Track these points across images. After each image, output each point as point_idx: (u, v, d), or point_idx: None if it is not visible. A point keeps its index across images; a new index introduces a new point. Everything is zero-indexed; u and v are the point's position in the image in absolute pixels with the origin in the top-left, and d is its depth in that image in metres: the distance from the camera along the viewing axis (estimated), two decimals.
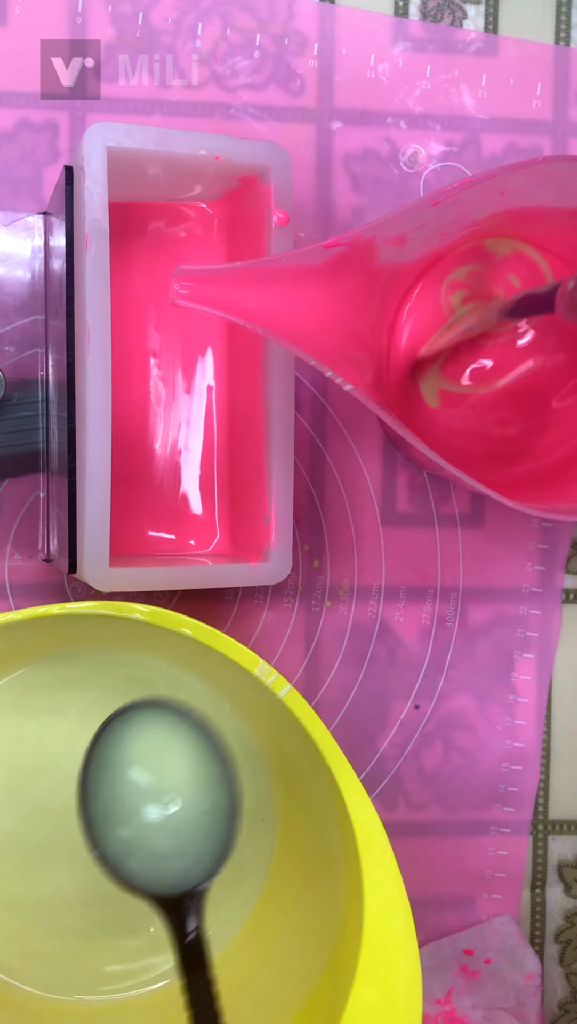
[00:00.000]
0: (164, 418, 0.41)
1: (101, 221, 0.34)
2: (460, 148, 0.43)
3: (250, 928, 0.38)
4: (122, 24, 0.41)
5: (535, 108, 0.43)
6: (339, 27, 0.42)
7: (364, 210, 0.43)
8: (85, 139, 0.34)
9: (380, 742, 0.44)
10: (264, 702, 0.33)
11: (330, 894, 0.34)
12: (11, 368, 0.40)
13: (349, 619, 0.43)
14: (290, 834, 0.38)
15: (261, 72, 0.42)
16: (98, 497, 0.34)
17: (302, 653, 0.43)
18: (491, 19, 0.43)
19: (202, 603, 0.42)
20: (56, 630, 0.36)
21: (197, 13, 0.41)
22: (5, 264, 0.40)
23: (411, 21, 0.43)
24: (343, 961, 0.31)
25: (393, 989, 0.30)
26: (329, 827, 0.34)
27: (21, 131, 0.41)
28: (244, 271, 0.31)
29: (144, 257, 0.40)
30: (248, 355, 0.39)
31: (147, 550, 0.41)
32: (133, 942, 0.38)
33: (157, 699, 0.32)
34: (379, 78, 0.42)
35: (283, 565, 0.37)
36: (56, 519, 0.38)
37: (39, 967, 0.38)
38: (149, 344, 0.41)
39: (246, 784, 0.38)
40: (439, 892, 0.44)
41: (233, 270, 0.31)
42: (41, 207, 0.41)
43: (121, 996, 0.38)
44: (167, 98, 0.42)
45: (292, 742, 0.33)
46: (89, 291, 0.34)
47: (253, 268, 0.31)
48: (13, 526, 0.41)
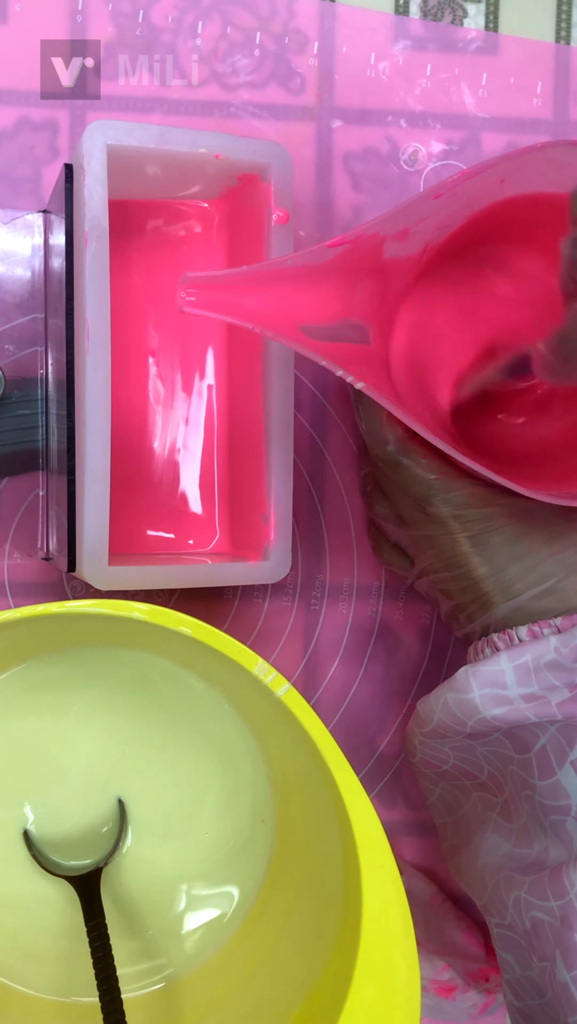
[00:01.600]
0: (164, 417, 0.41)
1: (101, 219, 0.34)
2: (460, 147, 0.43)
3: (250, 927, 0.38)
4: (122, 23, 0.41)
5: (535, 107, 0.43)
6: (339, 25, 0.42)
7: (364, 209, 0.42)
8: (85, 137, 0.34)
9: (380, 742, 0.44)
10: (263, 701, 0.33)
11: (329, 894, 0.34)
12: (11, 366, 0.40)
13: (348, 618, 0.43)
14: (290, 834, 0.38)
15: (261, 70, 0.42)
16: (98, 496, 0.34)
17: (301, 652, 0.43)
18: (491, 18, 0.43)
19: (201, 602, 0.42)
20: (55, 629, 0.36)
21: (197, 11, 0.41)
22: (5, 262, 0.40)
23: (411, 19, 0.43)
24: (342, 961, 0.31)
25: (392, 988, 0.30)
26: (328, 827, 0.33)
27: (21, 130, 0.41)
28: (250, 274, 0.31)
29: (144, 255, 0.40)
30: (248, 354, 0.39)
31: (146, 549, 0.41)
32: (131, 943, 0.38)
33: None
34: (379, 77, 0.42)
35: (282, 564, 0.37)
36: (55, 517, 0.38)
37: (37, 968, 0.38)
38: (149, 342, 0.41)
39: (246, 784, 0.38)
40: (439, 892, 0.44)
41: (239, 274, 0.31)
42: (41, 205, 0.41)
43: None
44: (167, 97, 0.42)
45: (291, 742, 0.33)
46: (89, 289, 0.34)
47: (259, 271, 0.31)
48: (12, 524, 0.41)
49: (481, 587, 0.36)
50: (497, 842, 0.37)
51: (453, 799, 0.39)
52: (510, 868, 0.36)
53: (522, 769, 0.36)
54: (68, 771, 0.38)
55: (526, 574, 0.35)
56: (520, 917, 0.34)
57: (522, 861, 0.36)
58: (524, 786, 0.36)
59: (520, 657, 0.34)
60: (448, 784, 0.39)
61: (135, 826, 0.39)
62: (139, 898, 0.39)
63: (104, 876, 0.38)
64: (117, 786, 0.39)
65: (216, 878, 0.39)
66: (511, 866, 0.36)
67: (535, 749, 0.35)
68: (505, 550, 0.35)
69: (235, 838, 0.39)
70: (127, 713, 0.38)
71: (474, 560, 0.35)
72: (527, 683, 0.34)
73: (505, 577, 0.35)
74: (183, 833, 0.39)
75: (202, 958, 0.38)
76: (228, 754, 0.39)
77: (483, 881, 0.36)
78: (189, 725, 0.38)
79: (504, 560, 0.35)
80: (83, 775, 0.38)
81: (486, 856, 0.37)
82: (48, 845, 0.38)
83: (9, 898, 0.38)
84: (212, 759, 0.39)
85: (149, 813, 0.39)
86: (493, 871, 0.36)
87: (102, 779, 0.39)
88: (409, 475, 0.36)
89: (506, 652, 0.34)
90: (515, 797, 0.36)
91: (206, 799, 0.39)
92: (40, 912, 0.38)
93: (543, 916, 0.33)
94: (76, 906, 0.37)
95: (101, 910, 0.36)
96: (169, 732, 0.39)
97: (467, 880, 0.38)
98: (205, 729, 0.38)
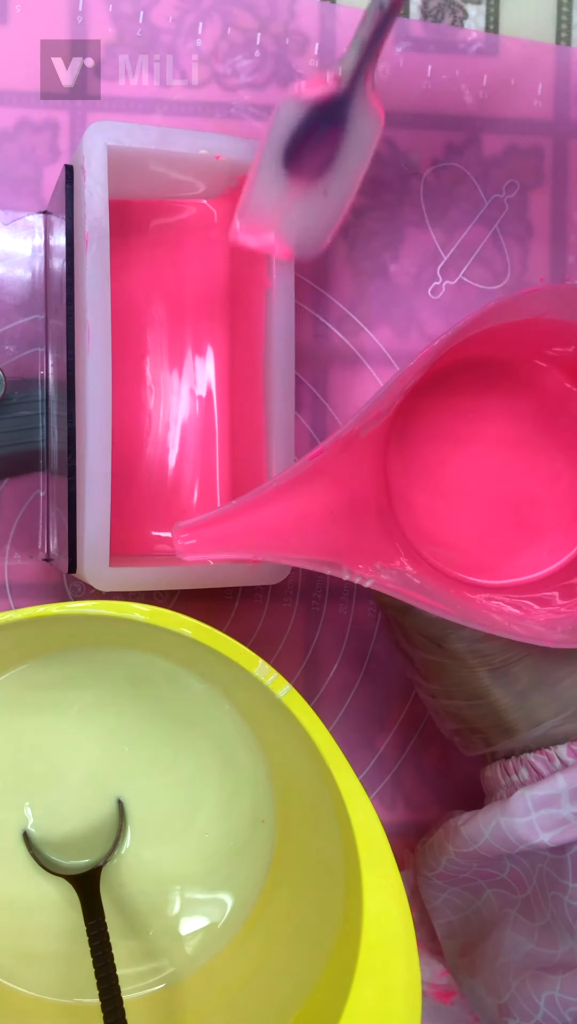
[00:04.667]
0: (165, 417, 0.41)
1: (101, 220, 0.34)
2: (461, 148, 0.43)
3: (250, 928, 0.38)
4: (123, 23, 0.41)
5: (536, 108, 0.43)
6: (340, 26, 0.42)
7: (364, 210, 0.42)
8: (85, 138, 0.34)
9: (380, 743, 0.44)
10: (264, 702, 0.33)
11: (329, 894, 0.34)
12: (11, 367, 0.40)
13: (349, 619, 0.43)
14: (290, 834, 0.38)
15: (262, 71, 0.42)
16: (98, 496, 0.34)
17: (302, 653, 0.43)
18: (492, 19, 0.43)
19: (202, 603, 0.42)
20: (56, 630, 0.36)
21: (198, 12, 0.41)
22: (5, 263, 0.40)
23: (412, 21, 0.43)
24: (342, 961, 0.31)
25: (392, 988, 0.30)
26: (329, 827, 0.33)
27: (21, 130, 0.41)
28: (241, 506, 0.31)
29: (144, 256, 0.40)
30: (249, 354, 0.39)
31: (147, 550, 0.41)
32: (131, 944, 0.38)
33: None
34: (380, 78, 0.42)
35: (283, 565, 0.37)
36: (56, 518, 0.38)
37: (37, 969, 0.38)
38: (149, 343, 0.41)
39: (246, 784, 0.38)
40: None
41: (230, 509, 0.31)
42: (41, 206, 0.41)
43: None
44: (168, 97, 0.42)
45: (291, 742, 0.33)
46: (89, 290, 0.34)
47: (248, 501, 0.31)
48: (13, 525, 0.41)
49: (504, 716, 0.35)
50: (519, 940, 0.36)
51: (461, 900, 0.39)
52: (536, 967, 0.35)
53: (554, 869, 0.35)
54: (68, 772, 0.38)
55: (549, 702, 0.35)
56: (558, 1014, 0.34)
57: (548, 961, 0.35)
58: (553, 886, 0.35)
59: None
60: (459, 888, 0.38)
61: (135, 827, 0.39)
62: (139, 899, 0.39)
63: (104, 877, 0.38)
64: (117, 787, 0.39)
65: (216, 879, 0.39)
66: (536, 965, 0.35)
67: (572, 851, 0.34)
68: (526, 680, 0.35)
69: (235, 838, 0.39)
70: (127, 714, 0.38)
71: (495, 692, 0.35)
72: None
73: (528, 706, 0.35)
74: (183, 834, 0.39)
75: (203, 959, 0.38)
76: (228, 754, 0.39)
77: (505, 979, 0.36)
78: (189, 726, 0.38)
79: (526, 690, 0.35)
80: (83, 776, 0.38)
81: (508, 954, 0.36)
82: (48, 845, 0.38)
83: (9, 899, 0.38)
84: (212, 760, 0.39)
85: (149, 814, 0.39)
86: (517, 969, 0.35)
87: (102, 780, 0.39)
88: (421, 619, 0.36)
89: (562, 775, 0.34)
90: (539, 896, 0.36)
91: (206, 800, 0.39)
92: (40, 913, 0.38)
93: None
94: (76, 907, 0.37)
95: (101, 910, 0.36)
96: (169, 733, 0.39)
97: (483, 977, 0.37)
98: (205, 730, 0.38)
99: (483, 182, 0.43)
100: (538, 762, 0.35)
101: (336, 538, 0.32)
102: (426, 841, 0.39)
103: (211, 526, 0.31)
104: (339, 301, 0.43)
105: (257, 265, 0.37)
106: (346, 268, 0.43)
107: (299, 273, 0.42)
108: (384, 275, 0.43)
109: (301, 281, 0.42)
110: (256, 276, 0.38)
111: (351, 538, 0.33)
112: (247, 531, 0.31)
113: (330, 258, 0.43)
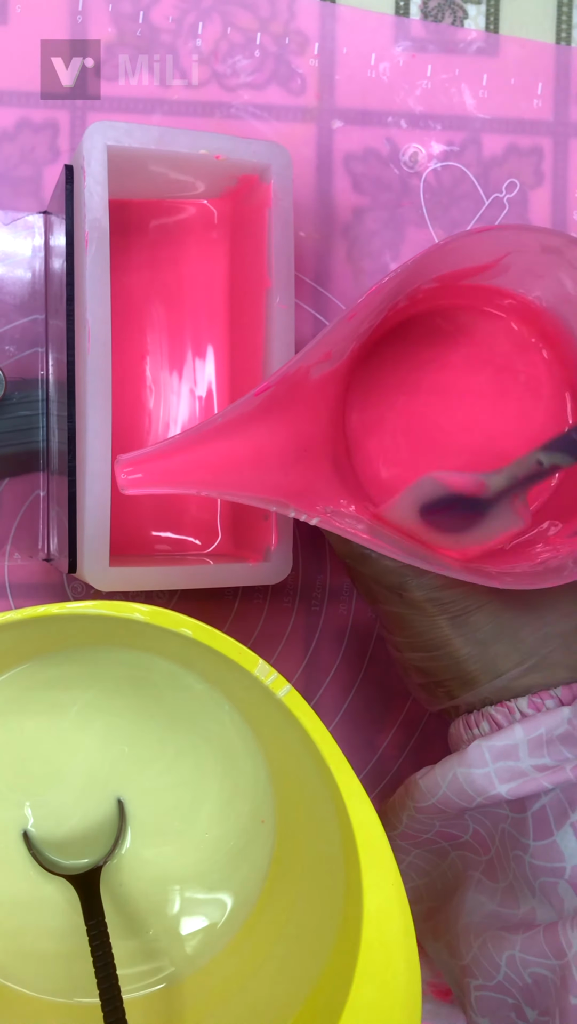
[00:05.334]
0: (165, 417, 0.41)
1: (101, 220, 0.34)
2: (461, 148, 0.43)
3: (250, 928, 0.38)
4: (123, 23, 0.41)
5: (536, 108, 0.43)
6: (340, 26, 0.42)
7: (364, 210, 0.43)
8: (85, 138, 0.34)
9: (380, 743, 0.44)
10: (264, 702, 0.33)
11: (329, 894, 0.34)
12: (11, 367, 0.40)
13: (349, 619, 0.43)
14: (290, 834, 0.38)
15: (262, 71, 0.42)
16: (98, 496, 0.34)
17: (302, 653, 0.43)
18: (492, 19, 0.43)
19: (202, 603, 0.42)
20: (56, 630, 0.36)
21: (198, 12, 0.41)
22: (5, 263, 0.40)
23: (412, 20, 0.43)
24: (342, 961, 0.31)
25: (392, 988, 0.30)
26: (328, 827, 0.33)
27: (21, 131, 0.41)
28: (184, 440, 0.31)
29: (144, 256, 0.40)
30: (249, 354, 0.39)
31: (147, 550, 0.41)
32: (131, 944, 0.38)
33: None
34: (380, 77, 0.42)
35: (283, 565, 0.37)
36: (56, 518, 0.38)
37: (37, 969, 0.38)
38: (149, 343, 0.41)
39: (246, 784, 0.38)
40: None
41: (173, 442, 0.31)
42: (41, 206, 0.41)
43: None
44: (167, 97, 0.42)
45: (292, 742, 0.33)
46: (89, 290, 0.34)
47: (193, 435, 0.31)
48: (13, 525, 0.41)
49: (464, 667, 0.35)
50: (481, 901, 0.36)
51: (427, 863, 0.38)
52: (497, 927, 0.35)
53: (515, 828, 0.35)
54: (68, 772, 0.38)
55: (509, 652, 0.35)
56: (518, 974, 0.33)
57: (508, 921, 0.35)
58: (515, 845, 0.35)
59: (535, 730, 0.34)
60: (423, 851, 0.38)
61: (135, 827, 0.39)
62: (139, 899, 0.39)
63: (104, 877, 0.38)
64: (117, 787, 0.39)
65: (216, 879, 0.39)
66: (497, 925, 0.35)
67: (533, 809, 0.34)
68: (486, 629, 0.35)
69: (235, 839, 0.39)
70: (127, 714, 0.38)
71: (456, 641, 0.35)
72: (538, 755, 0.34)
73: (489, 656, 0.35)
74: (183, 833, 0.39)
75: (203, 959, 0.38)
76: (228, 754, 0.39)
77: (467, 940, 0.35)
78: (189, 726, 0.38)
79: (486, 639, 0.35)
80: (83, 776, 0.38)
81: (470, 915, 0.36)
82: (48, 845, 0.38)
83: (9, 899, 0.38)
84: (212, 759, 0.39)
85: (149, 814, 0.39)
86: (478, 930, 0.35)
87: (102, 780, 0.39)
88: (379, 567, 0.35)
89: (520, 725, 0.34)
90: (502, 856, 0.36)
91: (206, 800, 0.39)
92: (40, 913, 0.38)
93: (545, 972, 0.32)
94: (76, 907, 0.37)
95: (101, 909, 0.36)
96: (169, 733, 0.39)
97: (446, 940, 0.37)
98: (205, 730, 0.38)
99: (483, 182, 0.43)
100: (499, 715, 0.35)
101: (285, 480, 0.32)
102: (388, 800, 0.39)
103: (155, 460, 0.30)
104: (339, 301, 0.43)
105: (257, 265, 0.37)
106: (346, 268, 0.43)
107: (299, 273, 0.42)
108: (384, 275, 0.43)
109: (301, 281, 0.42)
110: (256, 276, 0.38)
111: (302, 482, 0.33)
112: (192, 466, 0.30)
113: (330, 258, 0.43)
